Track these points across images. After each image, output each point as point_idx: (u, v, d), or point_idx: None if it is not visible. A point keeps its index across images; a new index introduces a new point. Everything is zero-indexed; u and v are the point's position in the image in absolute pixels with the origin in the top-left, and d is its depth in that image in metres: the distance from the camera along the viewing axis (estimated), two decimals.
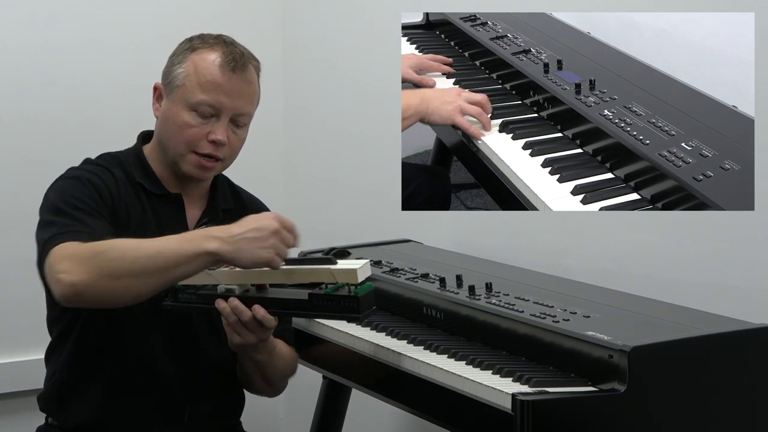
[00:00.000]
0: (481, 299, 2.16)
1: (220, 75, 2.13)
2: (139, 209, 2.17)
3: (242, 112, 2.16)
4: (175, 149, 2.16)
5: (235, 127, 2.17)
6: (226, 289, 2.03)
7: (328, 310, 2.01)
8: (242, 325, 2.01)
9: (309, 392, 2.78)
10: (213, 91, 2.12)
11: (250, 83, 2.18)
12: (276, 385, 2.29)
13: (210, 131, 2.13)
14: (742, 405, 1.94)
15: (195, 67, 2.14)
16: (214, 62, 2.14)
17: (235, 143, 2.18)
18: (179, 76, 2.15)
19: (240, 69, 2.14)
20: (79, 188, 2.11)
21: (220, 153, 2.15)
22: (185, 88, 2.13)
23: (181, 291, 2.05)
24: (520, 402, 1.76)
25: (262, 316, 2.00)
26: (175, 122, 2.14)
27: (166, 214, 2.19)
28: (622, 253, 2.50)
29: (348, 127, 3.32)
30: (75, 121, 3.10)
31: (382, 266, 2.49)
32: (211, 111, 2.13)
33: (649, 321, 2.04)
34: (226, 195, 2.30)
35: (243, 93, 2.15)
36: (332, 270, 2.00)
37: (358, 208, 3.27)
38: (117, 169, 2.20)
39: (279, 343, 2.22)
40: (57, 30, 3.09)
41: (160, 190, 2.20)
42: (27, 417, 2.31)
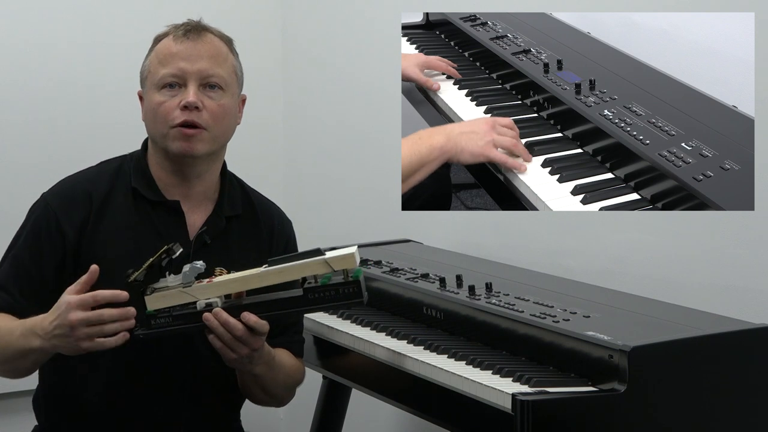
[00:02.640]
0: (481, 299, 2.16)
1: (174, 45, 2.14)
2: (132, 218, 2.14)
3: (210, 74, 2.13)
4: (158, 133, 2.13)
5: (210, 92, 2.13)
6: (206, 304, 1.96)
7: (330, 301, 1.97)
8: (236, 339, 1.96)
9: (309, 392, 2.78)
10: (171, 61, 2.12)
11: (210, 44, 2.16)
12: (278, 396, 2.24)
13: (180, 99, 2.11)
14: (742, 405, 1.94)
15: (155, 53, 2.16)
16: (168, 38, 2.16)
17: (215, 109, 2.12)
18: (146, 68, 2.17)
19: (194, 34, 2.15)
20: (32, 233, 2.13)
21: (197, 119, 2.10)
22: (151, 74, 2.15)
23: (153, 317, 1.96)
24: (520, 402, 1.76)
25: (255, 321, 1.95)
26: (151, 108, 2.13)
27: (164, 223, 2.14)
28: (622, 253, 2.50)
29: (348, 127, 3.32)
30: (77, 125, 3.10)
31: (382, 266, 2.50)
32: (176, 80, 2.12)
33: (649, 321, 2.04)
34: (235, 200, 2.23)
35: (203, 54, 2.13)
36: (328, 259, 1.96)
37: (358, 208, 3.27)
38: (110, 176, 2.17)
39: (280, 354, 2.17)
40: (58, 32, 3.09)
41: (157, 197, 2.15)
42: (24, 418, 2.31)
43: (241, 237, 2.21)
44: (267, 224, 2.25)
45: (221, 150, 2.20)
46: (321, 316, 2.42)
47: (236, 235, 2.20)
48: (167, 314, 1.96)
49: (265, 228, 2.25)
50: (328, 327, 2.35)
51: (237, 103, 2.20)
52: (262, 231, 2.24)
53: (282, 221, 2.30)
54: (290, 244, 2.28)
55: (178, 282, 1.97)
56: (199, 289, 1.96)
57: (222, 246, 2.17)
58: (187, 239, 2.14)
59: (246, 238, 2.21)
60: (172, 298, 1.96)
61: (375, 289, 2.44)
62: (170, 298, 1.95)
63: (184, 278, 1.97)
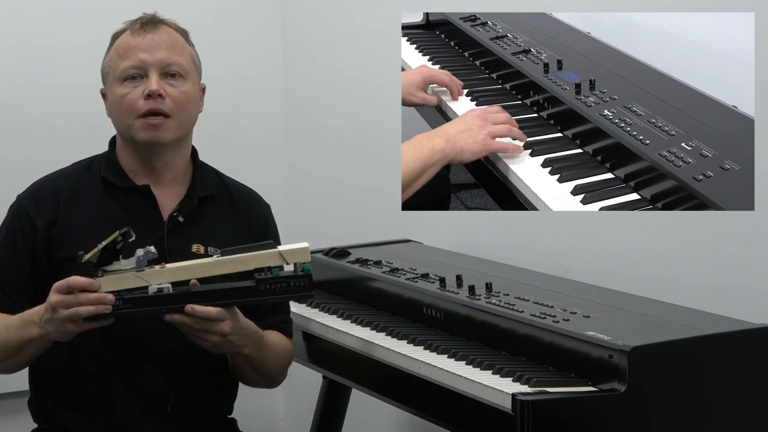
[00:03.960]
0: (481, 299, 2.16)
1: (132, 38, 2.18)
2: (103, 205, 2.19)
3: (169, 62, 2.17)
4: (124, 124, 2.18)
5: (171, 80, 2.17)
6: (158, 289, 1.98)
7: (281, 292, 2.01)
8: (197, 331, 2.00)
9: (309, 392, 2.79)
10: (131, 54, 2.17)
11: (167, 34, 2.20)
12: (271, 377, 2.26)
13: (143, 89, 2.15)
14: (742, 405, 1.94)
15: (114, 48, 2.21)
16: (125, 33, 2.21)
17: (178, 97, 2.17)
18: (106, 65, 2.22)
19: (151, 26, 2.19)
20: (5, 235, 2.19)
21: (161, 106, 2.14)
22: (111, 69, 2.19)
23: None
24: (520, 402, 1.76)
25: (201, 311, 1.98)
26: (114, 101, 2.18)
27: (137, 207, 2.19)
28: (622, 253, 2.50)
29: (348, 127, 3.32)
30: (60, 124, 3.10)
31: (382, 266, 2.50)
32: (137, 72, 2.16)
33: (649, 321, 2.04)
34: (208, 183, 2.28)
35: (161, 44, 2.18)
36: (282, 251, 2.01)
37: (358, 208, 3.27)
38: (80, 171, 2.24)
39: (270, 334, 2.20)
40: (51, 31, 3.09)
41: (127, 183, 2.20)
42: (23, 418, 2.31)
43: (216, 216, 2.25)
44: (244, 204, 2.29)
45: (187, 136, 2.24)
46: (321, 316, 2.42)
47: (212, 215, 2.24)
48: (118, 297, 1.97)
49: (242, 208, 2.28)
50: (328, 327, 2.35)
51: (198, 90, 2.24)
52: (239, 211, 2.28)
53: (259, 202, 2.34)
54: (270, 225, 2.32)
55: (131, 266, 1.99)
56: (152, 274, 1.99)
57: (197, 226, 2.21)
58: (161, 221, 2.19)
59: (222, 217, 2.25)
60: (124, 281, 1.97)
61: (375, 289, 2.44)
62: (122, 281, 1.97)
63: (137, 263, 1.99)
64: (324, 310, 2.46)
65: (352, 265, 2.54)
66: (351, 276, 2.52)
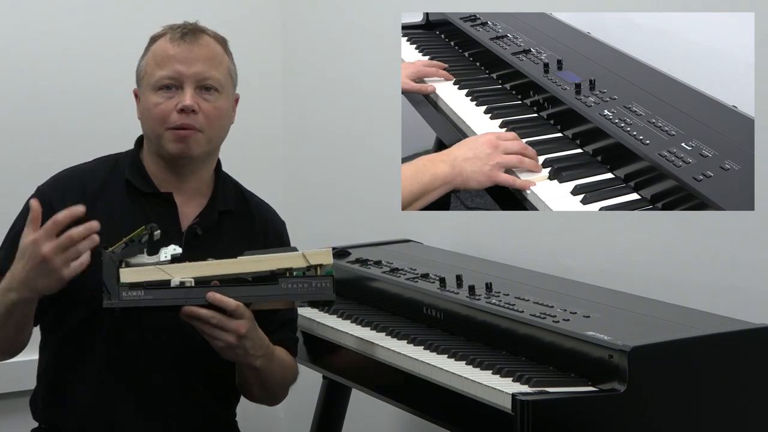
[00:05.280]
0: (481, 299, 2.16)
1: (171, 47, 2.16)
2: (125, 207, 2.17)
3: (206, 76, 2.15)
4: (154, 133, 2.16)
5: (206, 94, 2.15)
6: (180, 282, 1.98)
7: (302, 292, 2.01)
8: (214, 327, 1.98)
9: (309, 392, 2.78)
10: (168, 64, 2.15)
11: (206, 47, 2.18)
12: (275, 394, 2.26)
13: (177, 102, 2.14)
14: (742, 405, 1.94)
15: (152, 53, 2.18)
16: (165, 40, 2.18)
17: (211, 112, 2.15)
18: (142, 68, 2.19)
19: (190, 37, 2.17)
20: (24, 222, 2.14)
21: (193, 121, 2.13)
22: (147, 75, 2.17)
23: (126, 289, 1.96)
24: (520, 402, 1.76)
25: (219, 300, 1.97)
26: (147, 108, 2.16)
27: (157, 214, 2.16)
28: (622, 253, 2.50)
29: (348, 127, 3.32)
30: (73, 127, 3.10)
31: (382, 266, 2.50)
32: (173, 82, 2.14)
33: (649, 321, 2.04)
34: (229, 197, 2.27)
35: (199, 57, 2.16)
36: (305, 253, 2.01)
37: (358, 208, 3.27)
38: (106, 169, 2.22)
39: (279, 351, 2.19)
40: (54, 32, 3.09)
41: (151, 188, 2.19)
42: (23, 418, 2.31)
43: (233, 232, 2.23)
44: (261, 222, 2.28)
45: (216, 149, 2.23)
46: (321, 315, 2.42)
47: (229, 230, 2.22)
48: (140, 288, 1.97)
49: (259, 225, 2.27)
50: (328, 327, 2.35)
51: (231, 103, 2.23)
52: (255, 228, 2.26)
53: (276, 220, 2.33)
54: (285, 243, 2.29)
55: (155, 260, 2.00)
56: (175, 268, 1.99)
57: (214, 239, 2.19)
58: (179, 231, 2.17)
59: (239, 233, 2.23)
60: (146, 273, 1.97)
61: (375, 289, 2.44)
62: (145, 273, 1.97)
63: (161, 257, 2.00)
64: (324, 310, 2.46)
65: (352, 265, 2.54)
66: (351, 276, 2.52)
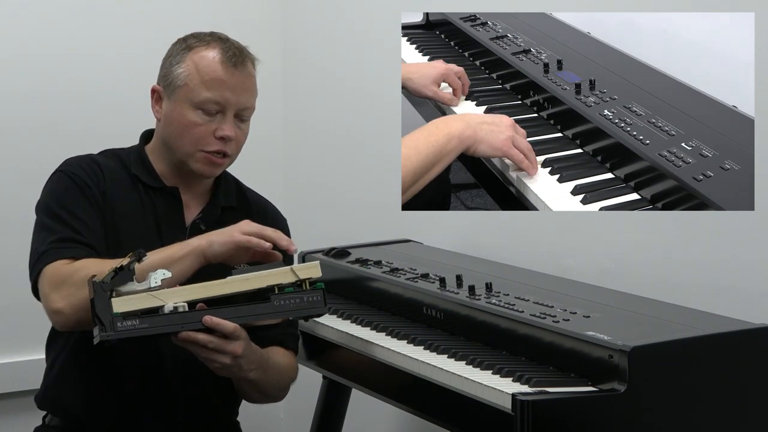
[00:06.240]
0: (481, 299, 2.16)
1: (222, 71, 2.14)
2: (134, 201, 2.19)
3: (246, 106, 2.18)
4: (182, 149, 2.16)
5: (240, 122, 2.19)
6: (174, 307, 1.96)
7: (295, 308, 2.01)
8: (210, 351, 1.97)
9: (309, 392, 2.78)
10: (217, 88, 2.14)
11: (251, 77, 2.20)
12: (274, 396, 2.26)
13: (217, 128, 2.15)
14: (742, 405, 1.94)
15: (196, 66, 2.15)
16: (214, 59, 2.15)
17: (241, 138, 2.20)
18: (180, 77, 2.16)
19: (241, 63, 2.16)
20: (72, 189, 2.14)
21: (227, 148, 2.16)
22: (188, 88, 2.14)
23: (119, 319, 1.93)
24: (520, 402, 1.76)
25: (217, 323, 1.95)
26: (180, 122, 2.15)
27: (163, 207, 2.20)
28: (622, 253, 2.50)
29: (348, 127, 3.32)
30: (74, 124, 3.10)
31: (382, 266, 2.50)
32: (217, 108, 2.15)
33: (649, 321, 2.04)
34: (230, 193, 2.30)
35: (246, 87, 2.17)
36: (293, 268, 2.02)
37: (358, 208, 3.27)
38: (114, 161, 2.22)
39: (274, 353, 2.19)
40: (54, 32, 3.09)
41: (157, 183, 2.21)
42: (25, 417, 2.31)
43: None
44: (261, 216, 2.29)
45: None
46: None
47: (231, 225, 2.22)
48: (134, 317, 1.94)
49: (258, 220, 2.27)
50: (328, 327, 2.35)
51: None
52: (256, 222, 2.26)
53: (275, 215, 2.35)
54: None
55: (145, 286, 1.97)
56: (166, 293, 1.97)
57: None
58: (183, 225, 2.20)
59: None
60: (138, 301, 1.95)
61: (375, 289, 2.44)
62: (137, 301, 1.95)
63: (151, 283, 1.98)
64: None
65: (352, 265, 2.54)
66: (351, 276, 2.52)
